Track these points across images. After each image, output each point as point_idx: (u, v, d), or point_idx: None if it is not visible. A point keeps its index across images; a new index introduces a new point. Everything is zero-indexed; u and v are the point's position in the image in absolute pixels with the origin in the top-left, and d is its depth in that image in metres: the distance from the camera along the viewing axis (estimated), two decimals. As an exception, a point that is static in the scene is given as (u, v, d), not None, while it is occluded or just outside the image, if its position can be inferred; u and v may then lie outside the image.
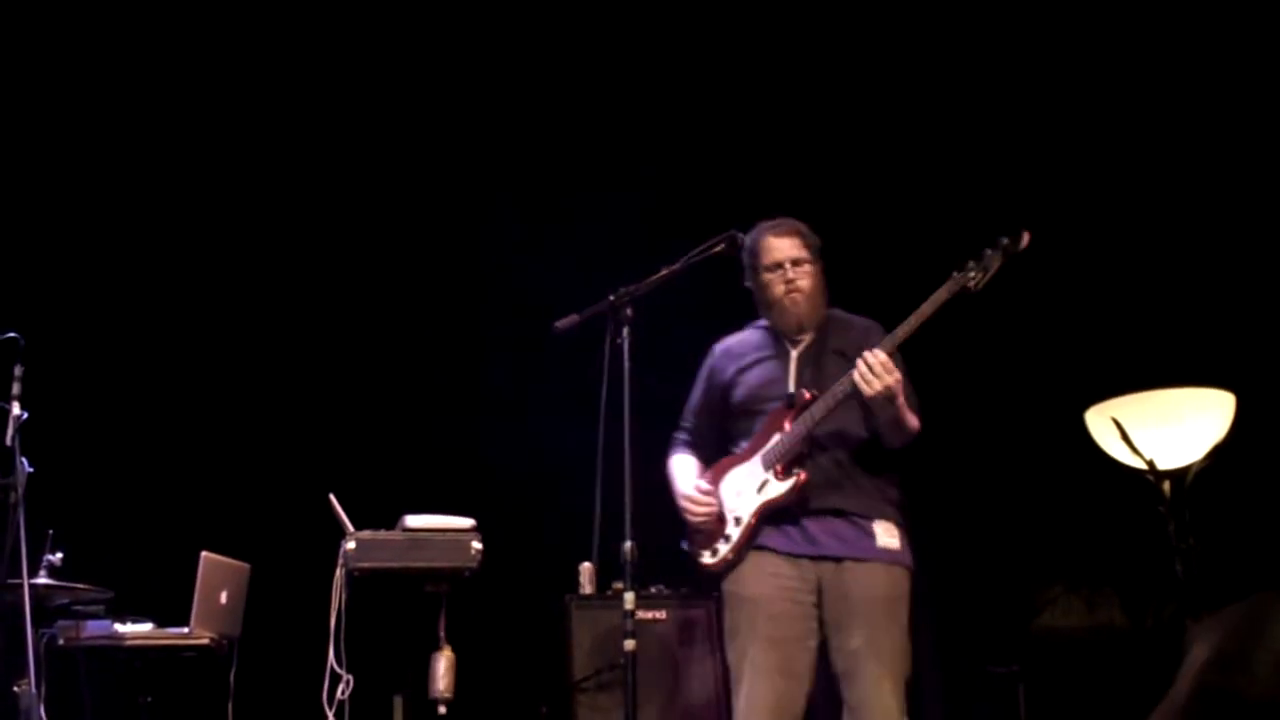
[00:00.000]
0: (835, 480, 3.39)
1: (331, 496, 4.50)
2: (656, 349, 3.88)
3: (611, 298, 3.69)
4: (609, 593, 4.81)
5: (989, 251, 3.38)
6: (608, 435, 3.49)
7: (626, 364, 3.62)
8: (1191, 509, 4.57)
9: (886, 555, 3.35)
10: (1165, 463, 4.55)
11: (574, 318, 3.79)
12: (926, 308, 3.33)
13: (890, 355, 3.26)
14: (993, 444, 5.58)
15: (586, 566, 5.00)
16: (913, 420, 3.40)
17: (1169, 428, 4.61)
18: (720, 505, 3.54)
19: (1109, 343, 5.30)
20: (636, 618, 3.41)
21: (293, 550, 4.95)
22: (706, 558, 3.55)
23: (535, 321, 4.14)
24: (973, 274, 3.37)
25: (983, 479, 5.58)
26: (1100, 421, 4.66)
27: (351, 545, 4.36)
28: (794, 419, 3.44)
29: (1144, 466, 4.51)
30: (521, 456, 5.52)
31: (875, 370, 3.24)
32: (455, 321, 5.66)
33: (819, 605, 3.33)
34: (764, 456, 3.47)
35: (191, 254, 5.60)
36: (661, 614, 4.90)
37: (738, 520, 3.48)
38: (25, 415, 3.78)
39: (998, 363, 5.66)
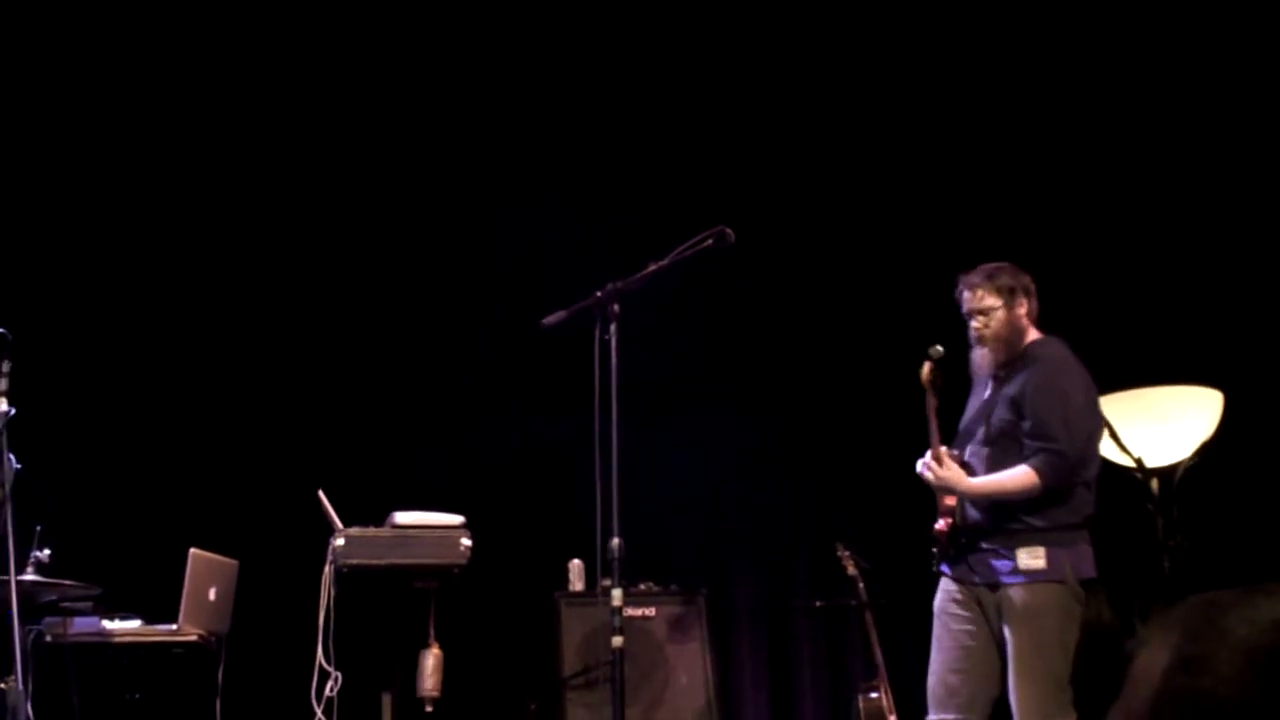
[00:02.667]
0: (991, 523, 3.78)
1: (320, 493, 4.49)
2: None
3: (599, 294, 3.70)
4: (598, 589, 4.80)
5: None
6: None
7: (614, 360, 3.63)
8: (1179, 506, 4.58)
9: (1025, 576, 3.72)
10: (1153, 460, 4.57)
11: (562, 314, 3.80)
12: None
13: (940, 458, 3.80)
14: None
15: (576, 563, 5.00)
16: (1005, 488, 3.74)
17: (1157, 425, 4.62)
18: None
19: (1097, 340, 5.30)
20: (625, 614, 3.43)
21: (281, 547, 4.94)
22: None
23: (524, 316, 4.15)
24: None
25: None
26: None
27: (340, 542, 4.36)
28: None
29: (1132, 464, 4.52)
30: (511, 452, 5.52)
31: (931, 466, 3.82)
32: (443, 316, 5.65)
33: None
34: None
35: (179, 250, 5.57)
36: (650, 610, 4.91)
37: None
38: (12, 412, 3.76)
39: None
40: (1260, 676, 0.95)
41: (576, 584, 5.00)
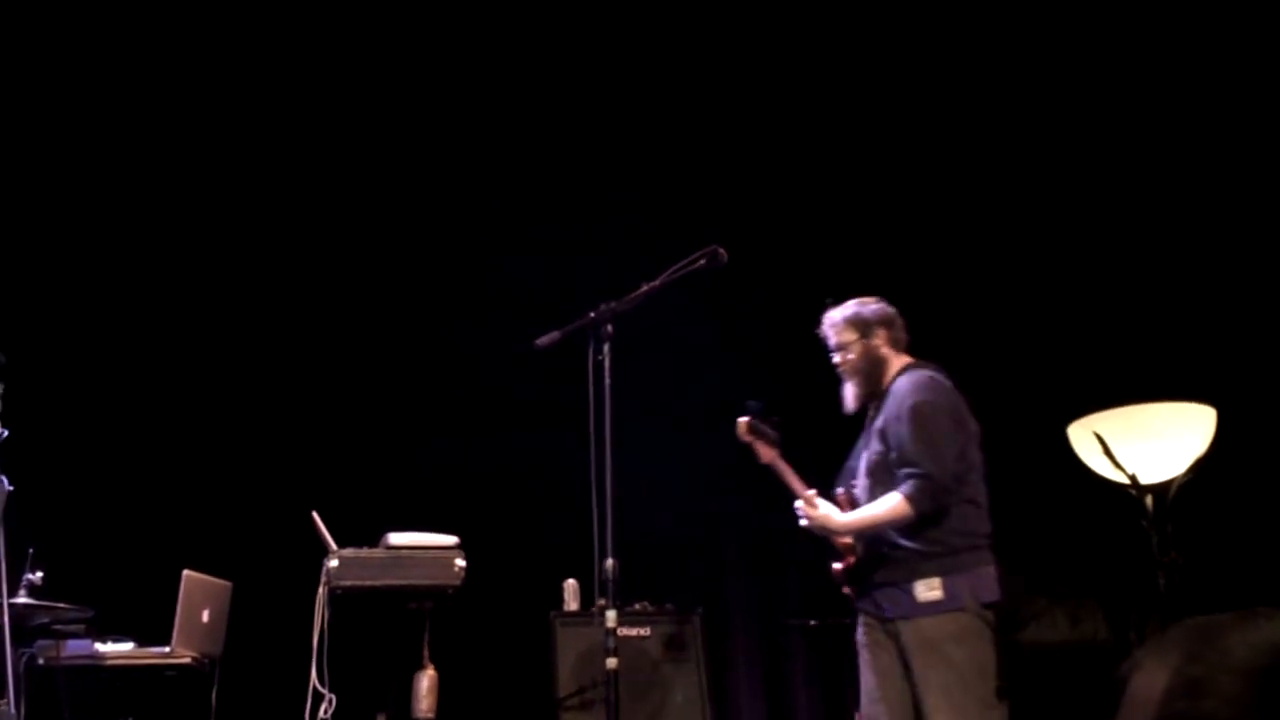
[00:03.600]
0: (889, 559, 3.78)
1: (314, 514, 4.48)
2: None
3: (593, 314, 3.70)
4: (593, 609, 4.79)
5: None
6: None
7: (607, 380, 3.63)
8: (1174, 523, 4.58)
9: (922, 610, 3.72)
10: (1147, 477, 4.56)
11: (555, 334, 3.80)
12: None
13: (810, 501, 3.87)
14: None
15: (570, 583, 4.99)
16: (877, 518, 3.76)
17: (1151, 442, 4.62)
18: None
19: (1091, 357, 5.32)
20: (620, 634, 3.42)
21: (275, 568, 4.92)
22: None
23: (516, 337, 4.14)
24: None
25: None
26: (1083, 436, 4.67)
27: (334, 563, 4.34)
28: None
29: (1126, 481, 4.52)
30: (505, 473, 5.51)
31: (802, 512, 3.87)
32: (437, 337, 5.65)
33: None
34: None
35: (172, 273, 5.57)
36: (645, 630, 4.89)
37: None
38: (5, 434, 3.75)
39: (980, 375, 5.66)
40: (1260, 699, 0.95)
41: (571, 604, 4.99)
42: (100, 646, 4.35)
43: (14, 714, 3.77)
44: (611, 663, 3.35)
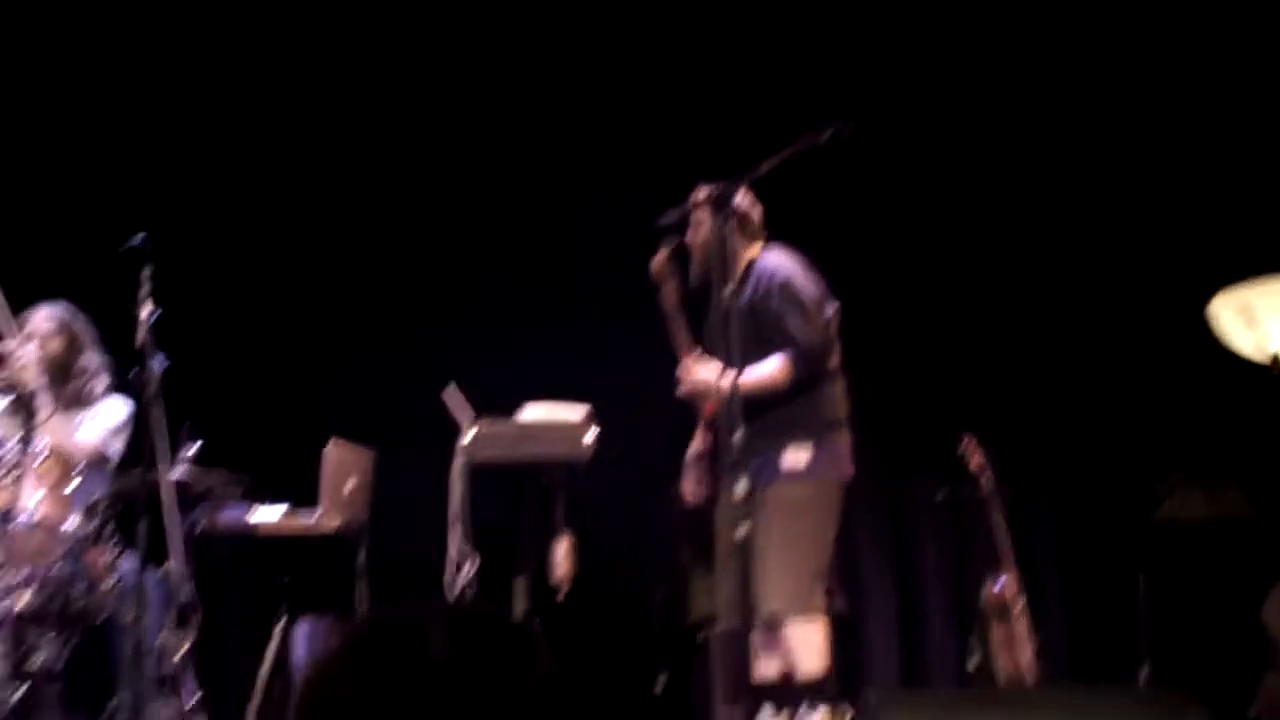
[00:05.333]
0: (756, 431, 3.68)
1: (451, 386, 4.61)
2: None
3: (714, 189, 3.69)
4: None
5: None
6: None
7: (729, 249, 3.66)
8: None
9: (784, 476, 3.87)
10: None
11: (676, 212, 3.81)
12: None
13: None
14: (1115, 330, 5.46)
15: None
16: (758, 382, 3.82)
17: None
18: None
19: (1230, 226, 5.11)
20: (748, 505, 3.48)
21: (416, 437, 5.11)
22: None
23: (626, 220, 4.17)
24: None
25: (1103, 367, 5.47)
26: (1225, 308, 4.50)
27: (470, 436, 4.48)
28: None
29: (1267, 361, 4.36)
30: (636, 347, 5.57)
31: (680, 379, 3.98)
32: (564, 218, 5.66)
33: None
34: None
35: (315, 144, 5.68)
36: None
37: None
38: (159, 312, 3.93)
39: (1118, 245, 5.50)
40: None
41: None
42: (255, 512, 4.58)
43: (183, 574, 4.04)
44: (741, 530, 3.42)
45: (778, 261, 4.01)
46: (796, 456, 3.89)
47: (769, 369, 3.88)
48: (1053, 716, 3.58)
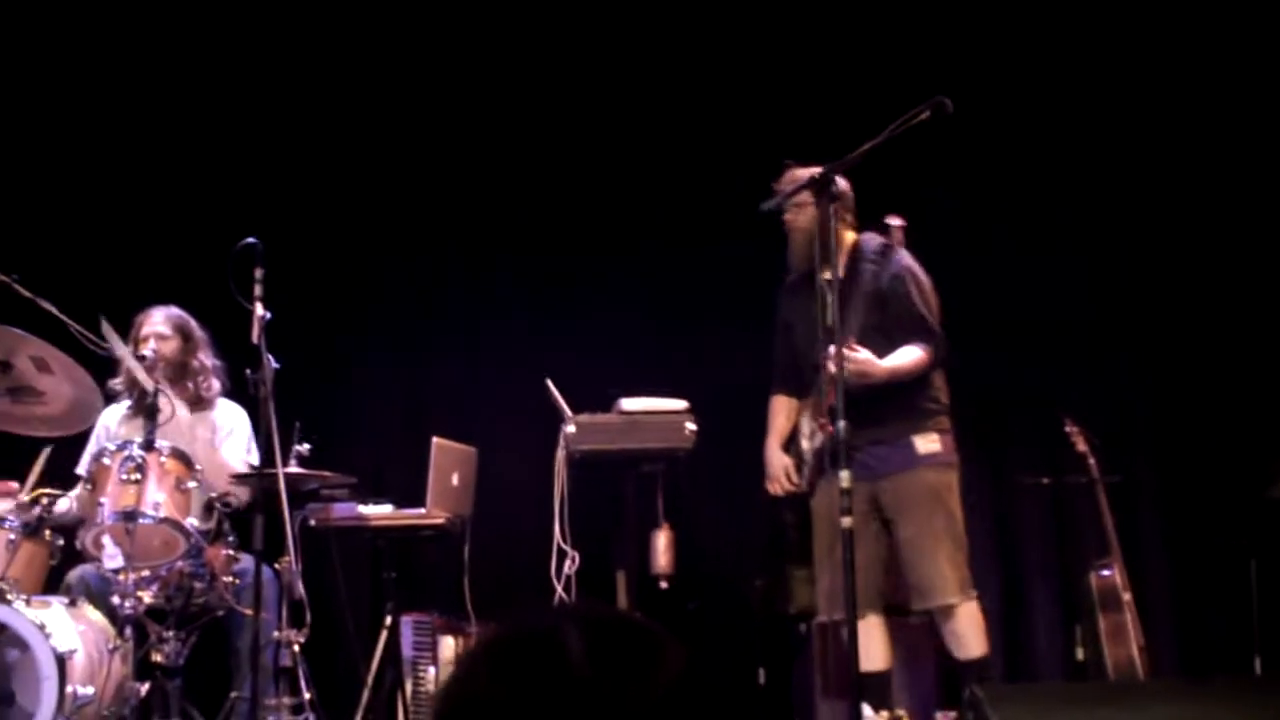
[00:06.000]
0: (877, 418, 3.89)
1: (549, 382, 4.66)
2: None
3: (817, 174, 3.68)
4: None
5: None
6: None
7: (833, 237, 3.65)
8: None
9: (925, 460, 3.98)
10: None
11: (780, 197, 3.81)
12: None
13: (849, 347, 3.71)
14: (1219, 306, 5.33)
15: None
16: (906, 367, 3.93)
17: None
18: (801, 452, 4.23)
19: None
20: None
21: (516, 434, 5.18)
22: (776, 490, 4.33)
23: (740, 209, 4.17)
24: None
25: (1207, 343, 5.34)
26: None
27: (571, 428, 4.53)
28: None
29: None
30: (731, 335, 5.57)
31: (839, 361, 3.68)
32: (675, 219, 5.66)
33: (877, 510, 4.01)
34: (812, 411, 4.16)
35: (416, 152, 5.75)
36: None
37: (804, 463, 4.23)
38: (269, 315, 4.03)
39: (1221, 221, 5.37)
40: None
41: (796, 464, 5.05)
42: (363, 508, 4.68)
43: (295, 570, 4.15)
44: (846, 521, 3.42)
45: (893, 247, 4.09)
46: (930, 441, 4.00)
47: (913, 356, 3.96)
48: (1166, 710, 3.51)
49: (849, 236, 4.13)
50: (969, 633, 3.99)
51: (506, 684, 1.27)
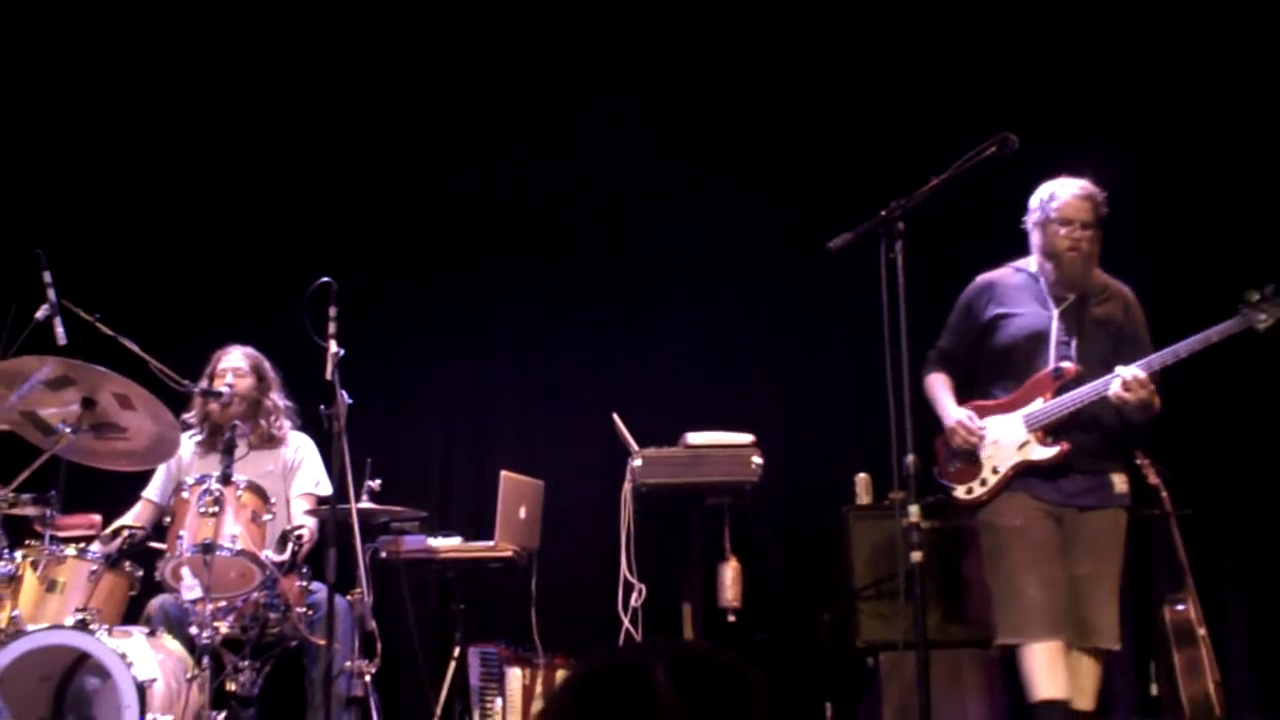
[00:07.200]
0: (1085, 445, 3.85)
1: (615, 416, 4.70)
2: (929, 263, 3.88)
3: (883, 213, 3.69)
4: (885, 502, 4.84)
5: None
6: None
7: (901, 278, 3.64)
8: None
9: (1119, 500, 3.90)
10: None
11: (847, 235, 3.82)
12: (1198, 343, 3.74)
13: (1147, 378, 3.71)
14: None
15: (863, 477, 5.04)
16: (1155, 410, 3.82)
17: None
18: (980, 443, 3.99)
19: None
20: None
21: (582, 468, 5.22)
22: (960, 493, 4.06)
23: (807, 245, 4.19)
24: (1263, 316, 3.73)
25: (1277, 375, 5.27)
26: None
27: (638, 462, 4.57)
28: (1057, 392, 3.88)
29: None
30: (795, 371, 5.59)
31: (1132, 388, 3.71)
32: (727, 245, 5.71)
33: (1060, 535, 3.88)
34: (1027, 418, 3.92)
35: (479, 189, 5.84)
36: (939, 523, 4.89)
37: (995, 470, 3.95)
38: (342, 352, 4.11)
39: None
40: None
41: (864, 497, 5.05)
42: (433, 541, 4.74)
43: (367, 601, 4.21)
44: (916, 556, 3.41)
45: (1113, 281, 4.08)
46: (1123, 481, 3.94)
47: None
48: (1243, 747, 3.46)
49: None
50: (1095, 685, 3.91)
51: (595, 716, 1.30)
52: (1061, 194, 3.92)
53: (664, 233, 5.71)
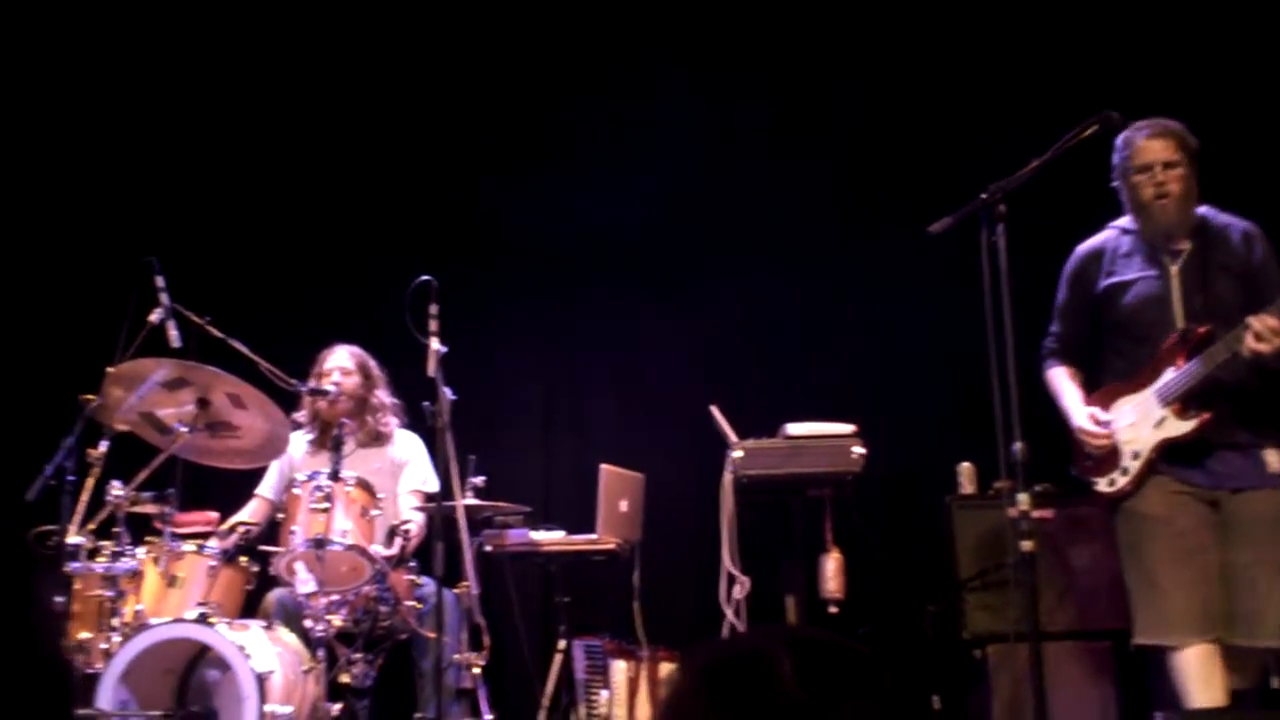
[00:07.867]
0: (1230, 417, 3.53)
1: (714, 408, 4.70)
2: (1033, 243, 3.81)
3: (984, 195, 3.63)
4: (990, 492, 4.78)
5: None
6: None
7: (1003, 262, 3.58)
8: None
9: (1275, 480, 3.54)
10: None
11: (948, 220, 3.76)
12: None
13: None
14: None
15: (966, 466, 4.97)
16: None
17: None
18: (1114, 435, 3.70)
19: None
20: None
21: (682, 460, 5.23)
22: (1103, 486, 3.77)
23: (903, 229, 4.14)
24: None
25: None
26: None
27: (739, 453, 4.56)
28: (1188, 356, 3.56)
29: None
30: (895, 359, 5.54)
31: (1265, 337, 3.35)
32: (823, 231, 5.67)
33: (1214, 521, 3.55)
34: (1159, 392, 3.62)
35: (567, 189, 5.88)
36: (1049, 513, 4.79)
37: (1136, 454, 3.66)
38: (445, 349, 4.17)
39: None
40: None
41: (967, 487, 4.98)
42: (536, 535, 4.79)
43: (475, 594, 4.26)
44: (1027, 545, 3.35)
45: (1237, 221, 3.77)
46: (1277, 457, 3.57)
47: None
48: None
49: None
50: (1257, 664, 3.63)
51: (722, 708, 1.31)
52: (1135, 139, 3.66)
53: (759, 222, 5.69)
